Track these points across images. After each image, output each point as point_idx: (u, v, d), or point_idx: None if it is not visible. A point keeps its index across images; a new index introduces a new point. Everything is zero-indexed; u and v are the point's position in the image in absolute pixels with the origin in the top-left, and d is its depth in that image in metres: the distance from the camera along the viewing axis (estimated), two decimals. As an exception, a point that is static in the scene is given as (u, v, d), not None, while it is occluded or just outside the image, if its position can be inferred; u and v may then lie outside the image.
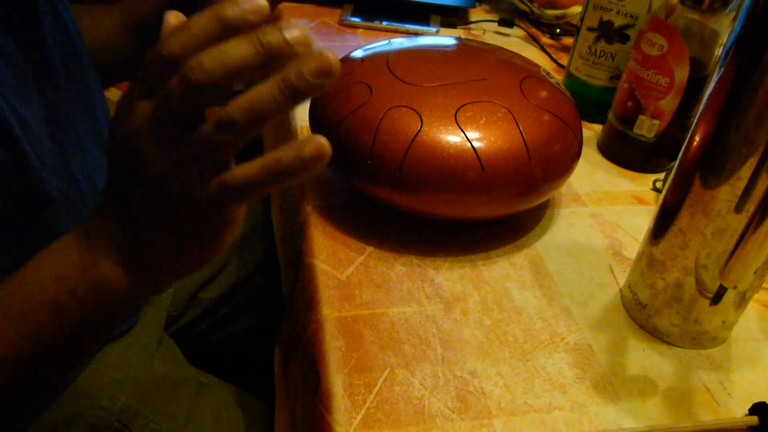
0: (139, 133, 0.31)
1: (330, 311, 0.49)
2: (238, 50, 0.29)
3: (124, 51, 0.68)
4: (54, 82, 0.49)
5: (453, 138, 0.50)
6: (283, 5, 0.95)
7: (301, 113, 0.71)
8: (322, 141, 0.30)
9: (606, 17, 0.70)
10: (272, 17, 0.30)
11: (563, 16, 0.95)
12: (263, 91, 0.29)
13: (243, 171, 0.32)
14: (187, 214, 0.33)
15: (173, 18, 0.33)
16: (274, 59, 0.29)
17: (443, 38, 0.66)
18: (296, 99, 0.30)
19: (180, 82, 0.29)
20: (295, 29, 0.29)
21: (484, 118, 0.52)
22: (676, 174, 0.46)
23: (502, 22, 0.96)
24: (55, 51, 0.49)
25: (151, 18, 0.65)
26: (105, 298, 0.36)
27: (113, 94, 1.30)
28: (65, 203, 0.48)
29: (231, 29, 0.30)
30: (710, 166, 0.42)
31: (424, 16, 0.96)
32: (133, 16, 0.66)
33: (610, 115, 0.69)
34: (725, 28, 0.58)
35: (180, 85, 0.29)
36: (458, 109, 0.52)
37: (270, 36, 0.29)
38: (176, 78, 0.29)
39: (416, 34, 0.91)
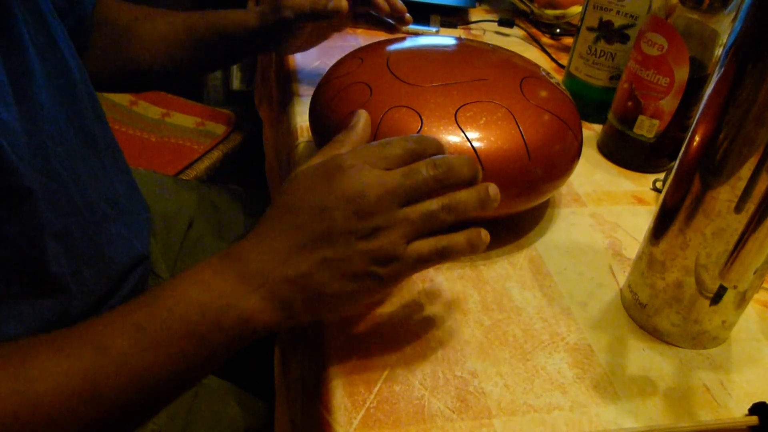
0: (370, 191, 0.38)
1: (330, 311, 0.49)
2: (469, 174, 0.42)
3: (178, 61, 0.69)
4: (29, 74, 0.48)
5: (453, 138, 0.50)
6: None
7: (301, 113, 0.71)
8: (487, 236, 0.43)
9: (606, 17, 0.70)
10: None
11: (563, 16, 0.95)
12: (470, 197, 0.41)
13: (454, 239, 0.40)
14: (379, 269, 0.38)
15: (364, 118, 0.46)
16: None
17: (443, 38, 0.66)
18: (482, 208, 0.41)
19: (432, 169, 0.40)
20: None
21: (484, 118, 0.52)
22: (676, 174, 0.46)
23: (502, 22, 0.96)
24: (28, 41, 0.49)
25: (236, 33, 0.67)
26: (245, 331, 0.38)
27: (122, 98, 1.31)
28: (47, 197, 0.48)
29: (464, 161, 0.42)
30: (710, 166, 0.42)
31: (424, 16, 0.96)
32: (206, 29, 0.67)
33: (610, 115, 0.69)
34: (725, 28, 0.58)
35: (431, 172, 0.40)
36: (458, 109, 0.52)
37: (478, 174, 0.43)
38: (430, 166, 0.40)
39: (416, 34, 0.91)
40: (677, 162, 0.45)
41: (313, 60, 0.82)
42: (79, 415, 0.35)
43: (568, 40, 0.96)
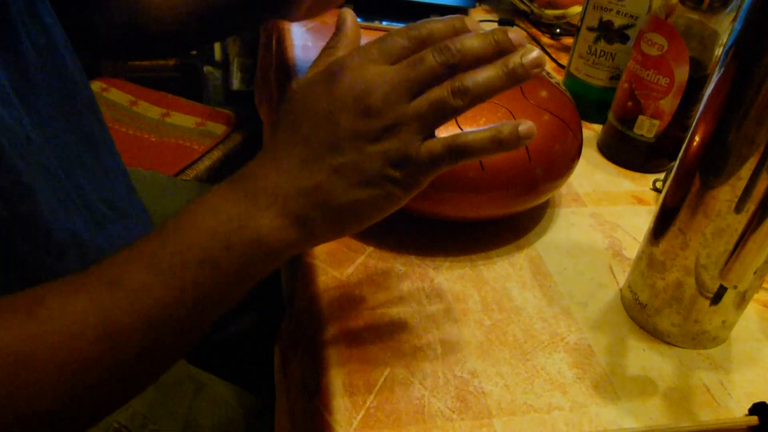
0: (374, 89, 0.35)
1: (330, 311, 0.49)
2: (482, 44, 0.36)
3: (179, 27, 0.68)
4: (28, 75, 0.48)
5: (453, 138, 0.50)
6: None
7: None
8: (531, 124, 0.36)
9: (606, 17, 0.70)
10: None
11: (563, 16, 0.95)
12: (492, 72, 0.36)
13: (474, 136, 0.36)
14: (395, 171, 0.36)
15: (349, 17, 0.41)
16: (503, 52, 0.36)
17: (443, 38, 0.66)
18: (515, 81, 0.36)
19: (439, 54, 0.36)
20: (533, 52, 0.36)
21: (484, 118, 0.52)
22: (676, 174, 0.46)
23: (502, 22, 0.96)
24: (27, 43, 0.49)
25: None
26: (262, 251, 0.36)
27: (123, 98, 1.31)
28: (47, 197, 0.48)
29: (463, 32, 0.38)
30: (710, 166, 0.42)
31: (424, 16, 0.96)
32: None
33: (610, 115, 0.69)
34: (725, 28, 0.58)
35: (438, 58, 0.36)
36: (458, 109, 0.52)
37: (499, 37, 0.36)
38: (434, 53, 0.36)
39: (416, 34, 0.91)
40: (677, 162, 0.45)
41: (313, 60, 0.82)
42: (95, 357, 0.34)
43: (568, 40, 0.96)
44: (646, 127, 0.66)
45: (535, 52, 0.36)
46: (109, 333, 0.34)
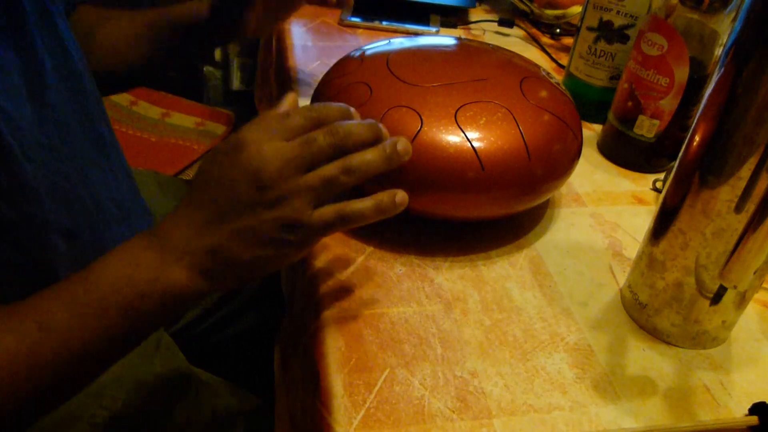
0: (269, 164, 0.39)
1: (330, 311, 0.49)
2: (368, 135, 0.42)
3: (141, 59, 0.71)
4: (41, 75, 0.49)
5: (453, 138, 0.50)
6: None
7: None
8: (405, 197, 0.43)
9: (606, 17, 0.70)
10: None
11: (563, 16, 0.95)
12: (374, 155, 0.42)
13: (358, 205, 0.41)
14: (288, 235, 0.40)
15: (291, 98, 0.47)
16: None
17: (443, 38, 0.66)
18: (392, 164, 0.42)
19: (329, 136, 0.41)
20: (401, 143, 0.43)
21: (484, 118, 0.52)
22: (676, 174, 0.46)
23: (502, 22, 0.96)
24: (41, 43, 0.49)
25: (191, 23, 0.69)
26: (174, 299, 0.40)
27: (122, 98, 1.31)
28: (55, 196, 0.48)
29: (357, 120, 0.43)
30: (710, 166, 0.42)
31: (424, 16, 0.96)
32: (165, 23, 0.69)
33: (610, 115, 0.69)
34: (725, 28, 0.58)
35: (328, 139, 0.41)
36: (458, 109, 0.52)
37: (382, 132, 0.43)
38: (326, 135, 0.41)
39: (416, 34, 0.91)
40: (677, 162, 0.45)
41: (313, 60, 0.82)
42: (23, 386, 0.38)
43: (568, 40, 0.96)
44: (646, 127, 0.66)
45: (404, 141, 0.43)
46: (35, 368, 0.38)
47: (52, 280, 0.48)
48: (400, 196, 0.43)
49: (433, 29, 0.93)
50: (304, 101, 0.73)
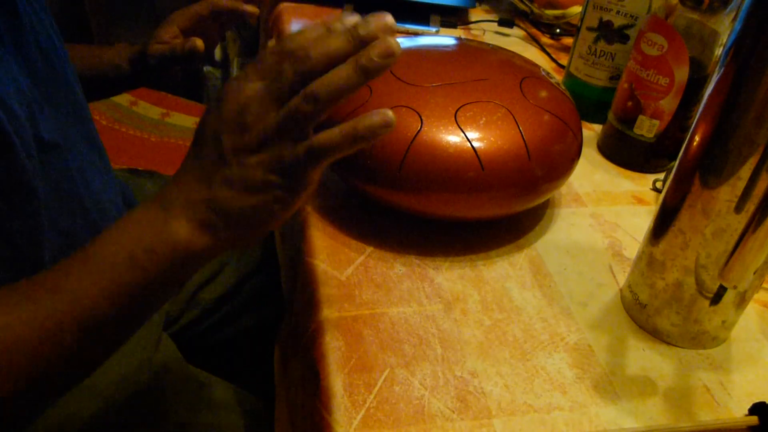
0: (245, 108, 0.38)
1: (330, 311, 0.49)
2: (336, 44, 0.37)
3: (122, 69, 0.75)
4: (41, 78, 0.49)
5: (453, 138, 0.50)
6: (284, 5, 0.95)
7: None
8: (388, 112, 0.37)
9: (606, 17, 0.70)
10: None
11: (563, 16, 0.95)
12: (341, 72, 0.37)
13: (326, 135, 0.38)
14: (275, 176, 0.39)
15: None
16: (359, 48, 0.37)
17: (443, 38, 0.66)
18: (366, 77, 0.37)
19: (293, 64, 0.38)
20: (377, 20, 0.37)
21: (484, 118, 0.52)
22: (676, 174, 0.46)
23: (502, 22, 0.96)
24: (34, 45, 0.50)
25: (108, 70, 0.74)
26: (179, 253, 0.40)
27: (123, 98, 1.31)
28: (54, 195, 0.48)
29: (333, 33, 0.38)
30: (710, 166, 0.42)
31: (424, 16, 0.96)
32: (78, 67, 0.69)
33: (610, 115, 0.69)
34: (725, 28, 0.58)
35: (295, 66, 0.38)
36: (458, 109, 0.52)
37: (361, 30, 0.37)
38: (289, 63, 0.38)
39: (416, 34, 0.91)
40: (677, 162, 0.45)
41: (313, 60, 0.82)
42: (40, 353, 0.38)
43: (568, 40, 0.96)
44: (646, 127, 0.66)
45: (387, 41, 0.36)
46: (51, 333, 0.39)
47: None
48: (383, 116, 0.37)
49: (433, 29, 0.93)
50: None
